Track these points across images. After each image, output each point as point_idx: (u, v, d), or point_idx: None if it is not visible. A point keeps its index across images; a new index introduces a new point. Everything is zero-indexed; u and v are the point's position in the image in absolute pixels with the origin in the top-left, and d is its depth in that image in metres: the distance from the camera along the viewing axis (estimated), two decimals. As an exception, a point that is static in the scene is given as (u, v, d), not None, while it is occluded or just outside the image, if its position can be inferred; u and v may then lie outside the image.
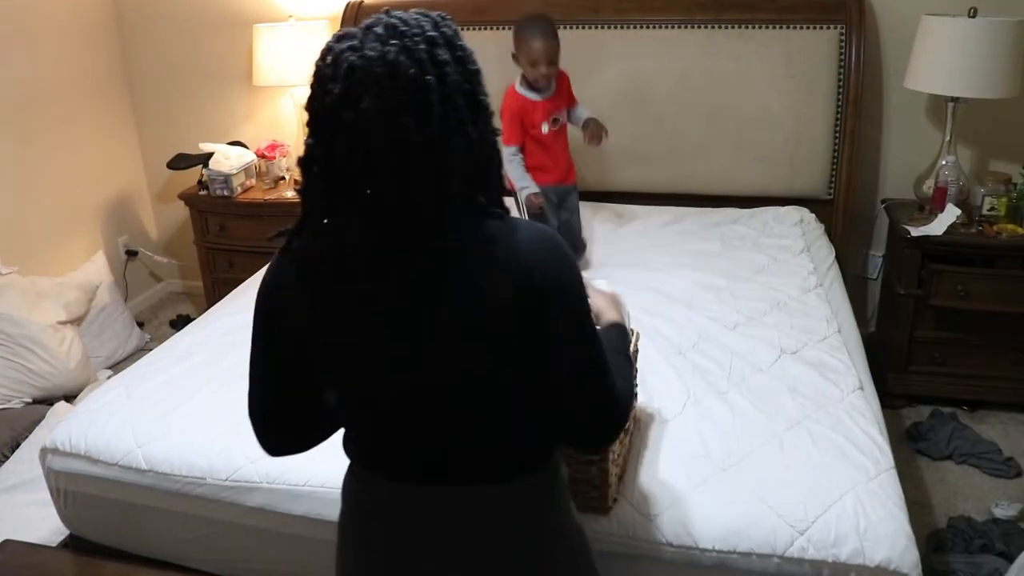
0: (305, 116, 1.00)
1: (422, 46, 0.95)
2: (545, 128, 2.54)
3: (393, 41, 0.95)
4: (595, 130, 2.59)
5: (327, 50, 0.98)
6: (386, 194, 0.98)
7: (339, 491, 1.23)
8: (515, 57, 2.52)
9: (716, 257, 2.69)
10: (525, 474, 1.13)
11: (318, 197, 1.02)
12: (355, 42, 0.96)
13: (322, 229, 1.04)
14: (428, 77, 0.94)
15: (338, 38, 0.98)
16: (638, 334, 1.74)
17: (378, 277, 1.03)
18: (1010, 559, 2.09)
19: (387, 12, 0.99)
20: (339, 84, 0.94)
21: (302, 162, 1.01)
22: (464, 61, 1.00)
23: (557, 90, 2.57)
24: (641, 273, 2.57)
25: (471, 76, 1.00)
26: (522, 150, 2.54)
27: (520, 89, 2.55)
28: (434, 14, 1.00)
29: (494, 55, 3.13)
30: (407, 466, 1.13)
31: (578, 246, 2.70)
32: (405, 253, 1.02)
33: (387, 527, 1.15)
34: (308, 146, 0.99)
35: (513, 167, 2.51)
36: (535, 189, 2.48)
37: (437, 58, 0.96)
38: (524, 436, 1.13)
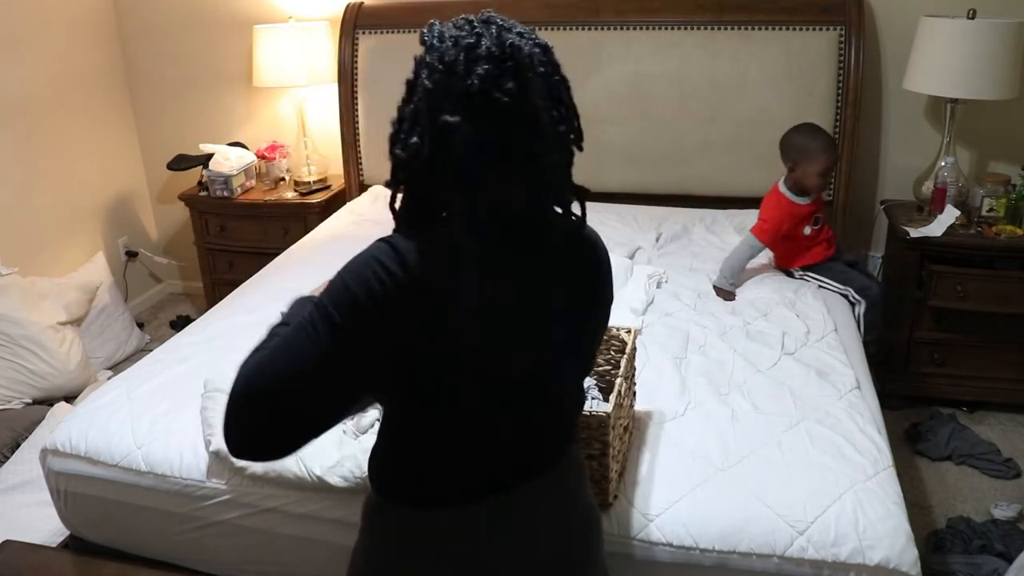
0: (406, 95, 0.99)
1: (535, 39, 0.98)
2: (808, 231, 2.55)
3: (518, 31, 0.97)
4: None
5: (440, 35, 0.96)
6: (547, 171, 1.00)
7: (338, 491, 1.23)
8: (792, 164, 2.49)
9: (718, 259, 2.69)
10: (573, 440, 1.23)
11: (456, 176, 0.96)
12: (478, 29, 0.95)
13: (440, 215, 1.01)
14: (556, 77, 0.99)
15: (451, 26, 0.97)
16: (636, 332, 1.75)
17: (521, 264, 1.03)
18: (1009, 560, 2.09)
19: (479, 14, 0.99)
20: (484, 64, 0.93)
21: (432, 141, 0.95)
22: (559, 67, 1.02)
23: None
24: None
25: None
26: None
27: (786, 192, 2.53)
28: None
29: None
30: (509, 470, 1.12)
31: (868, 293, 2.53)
32: (544, 232, 1.05)
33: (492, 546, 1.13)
34: (447, 123, 0.93)
35: (741, 257, 2.53)
36: (732, 290, 2.48)
37: (552, 59, 0.99)
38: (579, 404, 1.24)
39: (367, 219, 3.11)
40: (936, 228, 2.68)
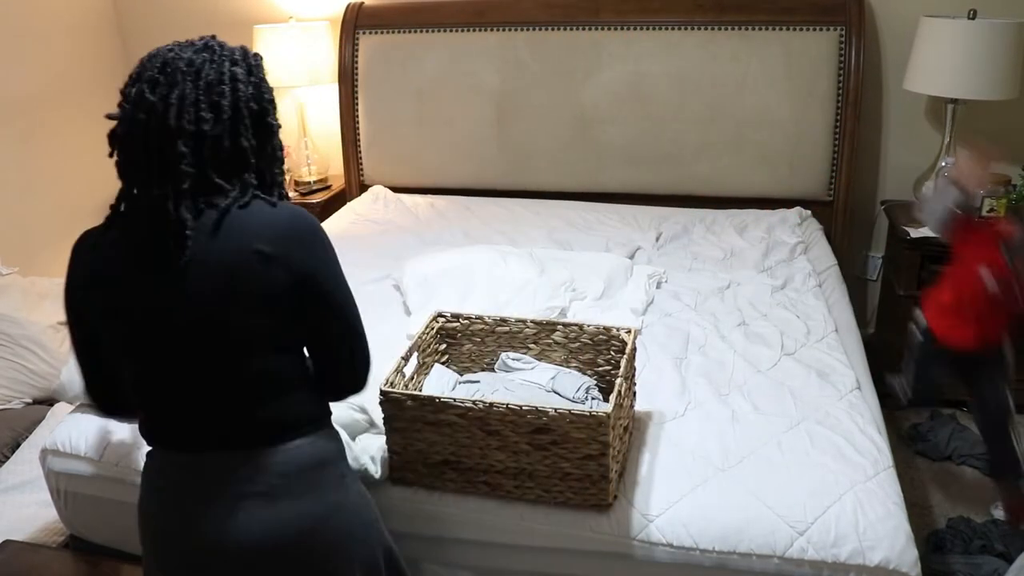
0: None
1: (227, 63, 1.19)
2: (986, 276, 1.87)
3: (204, 53, 1.18)
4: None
5: (150, 55, 1.18)
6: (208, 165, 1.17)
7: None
8: None
9: (718, 259, 2.70)
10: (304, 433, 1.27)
11: (143, 168, 1.18)
12: (173, 51, 1.18)
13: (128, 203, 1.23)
14: (224, 86, 1.17)
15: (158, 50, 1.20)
16: (636, 332, 1.75)
17: (159, 246, 1.18)
18: (1009, 560, 2.09)
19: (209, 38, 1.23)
20: (151, 71, 1.16)
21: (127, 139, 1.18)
22: (260, 85, 1.24)
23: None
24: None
25: (262, 98, 1.25)
26: None
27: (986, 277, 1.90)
28: (243, 48, 1.26)
29: (494, 56, 3.15)
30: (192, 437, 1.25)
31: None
32: (192, 223, 1.16)
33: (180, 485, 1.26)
34: (112, 116, 1.18)
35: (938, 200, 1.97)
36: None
37: (235, 75, 1.19)
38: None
39: (367, 219, 3.11)
40: (936, 228, 2.67)
